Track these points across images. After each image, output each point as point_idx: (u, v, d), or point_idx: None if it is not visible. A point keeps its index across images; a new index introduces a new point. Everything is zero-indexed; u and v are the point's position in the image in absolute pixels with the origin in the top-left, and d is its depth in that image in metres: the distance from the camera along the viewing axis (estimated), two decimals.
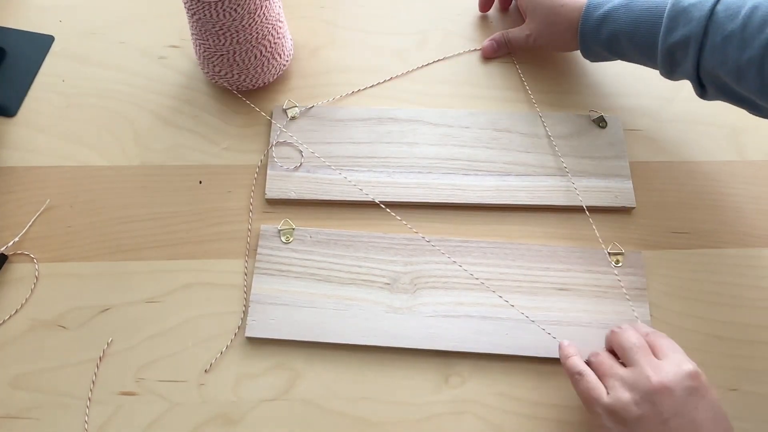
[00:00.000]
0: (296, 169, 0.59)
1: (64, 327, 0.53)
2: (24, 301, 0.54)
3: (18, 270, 0.55)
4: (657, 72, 0.57)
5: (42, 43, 0.66)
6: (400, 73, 0.65)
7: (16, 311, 0.53)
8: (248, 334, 0.52)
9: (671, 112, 0.64)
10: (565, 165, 0.60)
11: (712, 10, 0.50)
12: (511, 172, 0.60)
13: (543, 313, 0.54)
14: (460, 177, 0.59)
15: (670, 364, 0.44)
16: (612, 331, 0.49)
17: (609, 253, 0.56)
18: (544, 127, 0.62)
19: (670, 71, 0.55)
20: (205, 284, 0.55)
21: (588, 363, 0.48)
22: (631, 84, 0.65)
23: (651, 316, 0.54)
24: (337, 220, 0.58)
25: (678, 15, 0.51)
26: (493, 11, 0.70)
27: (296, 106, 0.62)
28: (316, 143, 0.60)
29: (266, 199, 0.58)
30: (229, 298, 0.54)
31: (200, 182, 0.59)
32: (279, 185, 0.58)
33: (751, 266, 0.57)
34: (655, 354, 0.46)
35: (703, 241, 0.58)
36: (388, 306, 0.54)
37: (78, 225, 0.57)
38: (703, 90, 0.54)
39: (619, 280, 0.55)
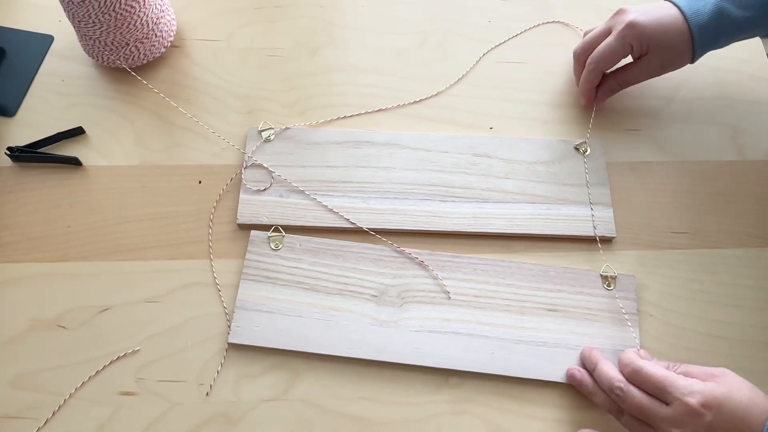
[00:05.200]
0: (264, 191, 0.58)
1: (64, 327, 0.53)
2: (24, 301, 0.54)
3: (18, 270, 0.55)
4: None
5: (41, 43, 0.66)
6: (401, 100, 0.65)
7: (16, 311, 0.54)
8: (231, 340, 0.52)
9: (671, 112, 0.64)
10: (545, 192, 0.59)
11: None
12: (489, 198, 0.58)
13: (530, 333, 0.53)
14: (436, 203, 0.58)
15: (679, 412, 0.44)
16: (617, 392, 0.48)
17: (601, 276, 0.55)
18: (527, 152, 0.61)
19: None
20: (204, 284, 0.55)
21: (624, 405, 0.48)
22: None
23: (642, 335, 0.54)
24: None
25: None
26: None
27: (272, 128, 0.61)
28: (290, 166, 0.59)
29: (238, 225, 0.57)
30: (228, 298, 0.54)
31: (200, 182, 0.59)
32: (251, 210, 0.57)
33: (751, 266, 0.57)
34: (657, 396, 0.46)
35: (703, 241, 0.58)
36: (374, 318, 0.53)
37: (78, 225, 0.57)
38: None
39: (613, 303, 0.54)
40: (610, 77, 0.61)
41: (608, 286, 0.55)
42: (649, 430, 0.46)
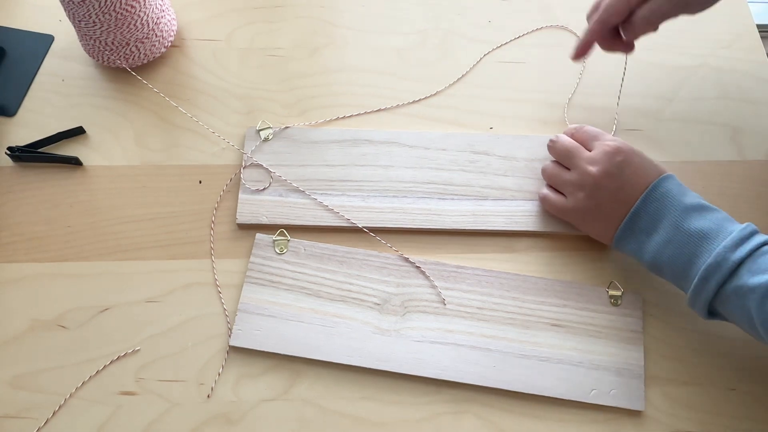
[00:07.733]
0: (264, 190, 0.58)
1: (64, 327, 0.53)
2: (24, 301, 0.54)
3: (18, 270, 0.55)
4: (656, 72, 0.56)
5: (42, 43, 0.66)
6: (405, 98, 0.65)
7: (16, 311, 0.54)
8: (232, 343, 0.52)
9: (671, 112, 0.64)
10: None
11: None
12: (488, 196, 0.58)
13: (533, 347, 0.52)
14: (435, 201, 0.58)
15: (599, 152, 0.53)
16: (549, 143, 0.57)
17: (608, 292, 0.55)
18: (524, 149, 0.60)
19: None
20: (205, 284, 0.55)
21: (543, 174, 0.58)
22: (630, 84, 0.65)
23: (643, 335, 0.54)
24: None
25: None
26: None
27: (270, 127, 0.61)
28: (289, 166, 0.59)
29: (237, 224, 0.57)
30: (229, 299, 0.54)
31: (200, 182, 0.59)
32: (250, 209, 0.57)
33: None
34: (586, 147, 0.55)
35: None
36: (375, 327, 0.53)
37: (78, 225, 0.57)
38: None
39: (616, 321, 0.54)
40: (630, 19, 0.53)
41: (614, 302, 0.55)
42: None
